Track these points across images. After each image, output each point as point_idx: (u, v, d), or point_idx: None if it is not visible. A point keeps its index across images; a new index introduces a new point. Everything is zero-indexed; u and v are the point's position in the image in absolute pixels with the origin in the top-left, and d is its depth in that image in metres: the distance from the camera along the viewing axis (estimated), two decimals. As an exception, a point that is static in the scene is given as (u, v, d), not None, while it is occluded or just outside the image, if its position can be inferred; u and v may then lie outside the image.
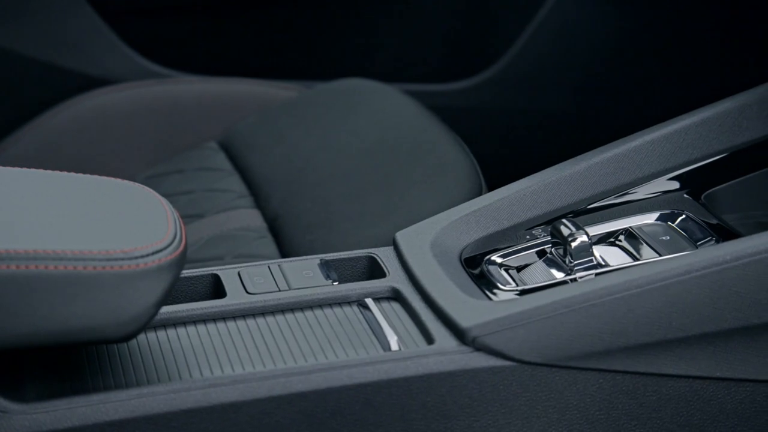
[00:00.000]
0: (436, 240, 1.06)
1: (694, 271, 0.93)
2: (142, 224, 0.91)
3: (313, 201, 1.37)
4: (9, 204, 0.90)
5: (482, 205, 1.10)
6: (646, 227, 1.08)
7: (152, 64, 1.79)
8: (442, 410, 0.93)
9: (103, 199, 0.93)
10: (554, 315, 0.93)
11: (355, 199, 1.35)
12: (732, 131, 1.12)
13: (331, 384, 0.91)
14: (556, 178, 1.11)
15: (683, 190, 1.12)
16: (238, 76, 1.73)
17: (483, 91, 1.79)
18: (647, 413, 0.94)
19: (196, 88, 1.66)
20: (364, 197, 1.35)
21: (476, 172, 1.33)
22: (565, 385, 0.94)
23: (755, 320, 0.93)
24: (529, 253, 1.07)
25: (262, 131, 1.54)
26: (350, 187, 1.37)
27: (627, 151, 1.12)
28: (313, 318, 1.00)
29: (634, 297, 0.93)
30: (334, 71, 1.73)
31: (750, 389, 0.94)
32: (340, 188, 1.37)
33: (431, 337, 0.96)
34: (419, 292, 1.01)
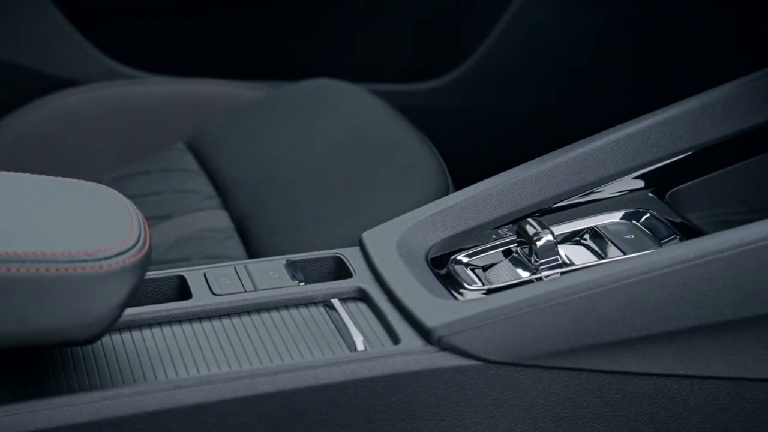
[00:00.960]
0: (402, 240, 1.06)
1: (657, 269, 0.93)
2: (106, 226, 0.90)
3: (280, 201, 1.37)
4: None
5: (448, 205, 1.10)
6: (611, 226, 1.09)
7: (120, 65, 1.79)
8: (407, 410, 0.93)
9: (67, 201, 0.93)
10: (519, 314, 0.93)
11: (322, 200, 1.35)
12: (696, 130, 1.13)
13: (296, 385, 0.91)
14: (522, 178, 1.11)
15: (648, 189, 1.12)
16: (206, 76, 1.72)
17: (451, 91, 1.79)
18: (612, 411, 0.95)
19: (163, 89, 1.65)
20: (331, 197, 1.35)
21: (443, 171, 1.33)
22: (531, 384, 0.94)
23: (718, 318, 0.94)
24: (495, 253, 1.08)
25: (229, 132, 1.54)
26: (318, 187, 1.37)
27: (592, 150, 1.13)
28: (279, 319, 1.00)
29: (598, 296, 0.93)
30: (302, 71, 1.73)
31: (713, 386, 0.95)
32: (307, 188, 1.37)
33: (397, 337, 0.96)
34: (385, 292, 1.01)
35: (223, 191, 1.45)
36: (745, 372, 0.94)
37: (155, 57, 1.79)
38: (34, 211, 0.91)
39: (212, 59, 1.80)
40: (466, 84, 1.79)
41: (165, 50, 1.79)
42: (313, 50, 1.82)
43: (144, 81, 1.71)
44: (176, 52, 1.80)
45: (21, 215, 0.90)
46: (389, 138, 1.41)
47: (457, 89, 1.79)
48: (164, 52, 1.80)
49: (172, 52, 1.80)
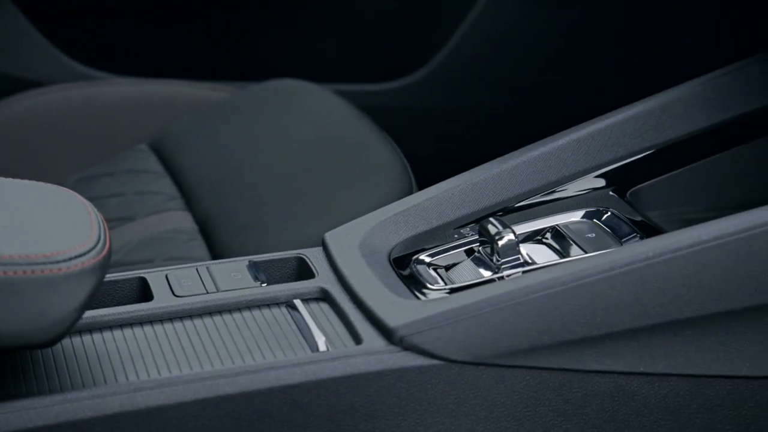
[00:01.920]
0: (365, 240, 1.06)
1: (617, 267, 0.94)
2: (65, 228, 0.90)
3: (244, 202, 1.37)
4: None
5: (411, 205, 1.10)
6: (573, 225, 1.09)
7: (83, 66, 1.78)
8: (369, 410, 0.93)
9: (26, 203, 0.92)
10: (481, 313, 0.94)
11: (286, 200, 1.35)
12: (656, 129, 1.14)
13: (258, 386, 0.91)
14: (484, 177, 1.12)
15: (609, 188, 1.13)
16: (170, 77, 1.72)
17: (415, 91, 1.79)
18: (573, 409, 0.95)
19: (127, 89, 1.65)
20: (295, 198, 1.35)
21: (407, 172, 1.33)
22: (492, 383, 0.94)
23: (678, 315, 0.94)
24: (458, 252, 1.08)
25: (194, 133, 1.53)
26: (282, 188, 1.37)
27: (553, 150, 1.13)
28: (241, 320, 0.99)
29: (559, 294, 0.94)
30: (266, 72, 1.72)
31: (673, 383, 0.95)
32: (271, 189, 1.37)
33: (359, 337, 0.96)
34: (348, 292, 1.01)
35: (186, 192, 1.45)
36: (704, 369, 0.95)
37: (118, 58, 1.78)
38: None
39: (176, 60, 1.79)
40: (429, 84, 1.79)
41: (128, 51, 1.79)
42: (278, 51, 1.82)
43: (107, 82, 1.70)
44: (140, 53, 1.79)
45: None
46: (353, 138, 1.41)
47: (421, 90, 1.79)
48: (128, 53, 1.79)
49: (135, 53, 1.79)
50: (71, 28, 1.76)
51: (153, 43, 1.79)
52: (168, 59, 1.79)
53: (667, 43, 1.69)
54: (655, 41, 1.71)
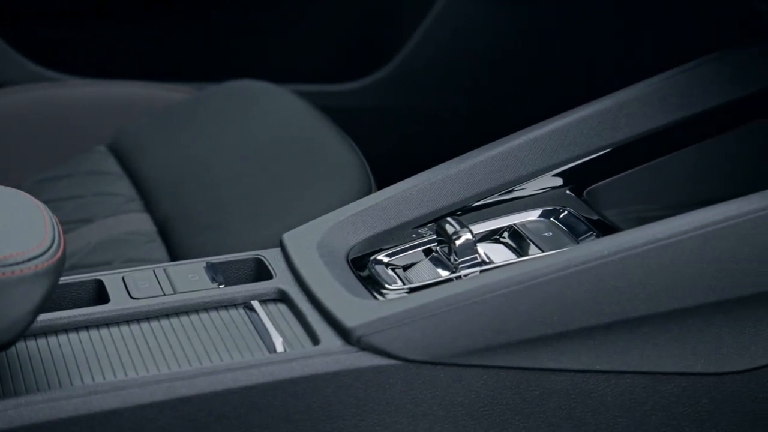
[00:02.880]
0: (323, 240, 1.06)
1: (573, 266, 0.94)
2: (18, 231, 0.89)
3: (203, 203, 1.36)
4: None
5: (369, 205, 1.10)
6: (530, 224, 1.10)
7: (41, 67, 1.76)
8: (327, 411, 0.93)
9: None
10: (438, 313, 0.94)
11: (245, 201, 1.34)
12: (612, 128, 1.14)
13: (215, 387, 0.90)
14: (442, 177, 1.12)
15: (566, 187, 1.13)
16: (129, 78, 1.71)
17: (375, 92, 1.80)
18: (530, 408, 0.96)
19: (86, 91, 1.64)
20: (254, 199, 1.34)
21: (366, 172, 1.33)
22: (450, 382, 0.94)
23: (633, 313, 0.95)
24: (416, 252, 1.08)
25: (153, 134, 1.52)
26: (241, 188, 1.36)
27: (511, 149, 1.13)
28: (199, 321, 0.99)
29: (516, 293, 0.94)
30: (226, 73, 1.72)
31: (629, 381, 0.96)
32: (231, 190, 1.37)
33: (317, 337, 0.96)
34: (305, 293, 1.01)
35: (145, 194, 1.44)
36: (659, 366, 0.96)
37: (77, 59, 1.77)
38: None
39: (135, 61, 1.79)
40: (389, 84, 1.79)
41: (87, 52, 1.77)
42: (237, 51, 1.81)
43: (65, 83, 1.69)
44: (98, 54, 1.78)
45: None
46: (312, 139, 1.41)
47: (381, 90, 1.80)
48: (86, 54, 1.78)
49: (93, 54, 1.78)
50: (29, 30, 1.75)
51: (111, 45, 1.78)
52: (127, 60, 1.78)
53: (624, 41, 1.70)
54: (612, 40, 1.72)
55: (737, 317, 0.95)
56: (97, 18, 1.76)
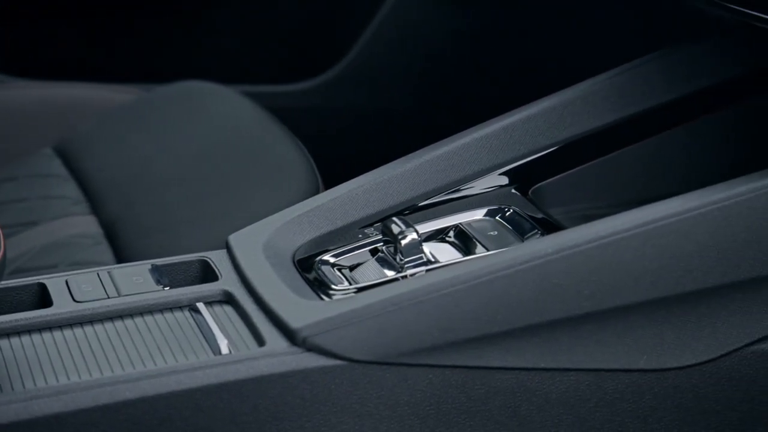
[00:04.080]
0: (269, 241, 1.06)
1: (517, 264, 0.94)
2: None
3: (150, 205, 1.35)
4: None
5: (315, 206, 1.10)
6: (475, 223, 1.10)
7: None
8: (273, 412, 0.93)
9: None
10: (383, 313, 0.94)
11: (192, 203, 1.34)
12: (557, 127, 1.15)
13: (159, 390, 0.90)
14: (388, 177, 1.12)
15: (511, 186, 1.14)
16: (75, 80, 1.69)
17: (323, 92, 1.79)
18: (476, 406, 0.96)
19: (31, 93, 1.62)
20: (201, 200, 1.34)
21: (314, 172, 1.33)
22: (396, 382, 0.95)
23: (577, 311, 0.95)
24: (362, 252, 1.08)
25: (99, 136, 1.51)
26: (188, 190, 1.36)
27: (456, 148, 1.14)
28: (143, 324, 0.98)
29: (461, 292, 0.94)
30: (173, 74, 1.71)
31: (573, 378, 0.96)
32: (177, 192, 1.36)
33: (262, 339, 0.95)
34: (251, 294, 1.00)
35: (92, 196, 1.43)
36: (603, 363, 0.96)
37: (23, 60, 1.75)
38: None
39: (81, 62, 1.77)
40: (338, 85, 1.79)
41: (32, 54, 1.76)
42: (185, 52, 1.80)
43: (11, 85, 1.67)
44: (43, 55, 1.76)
45: None
46: (259, 140, 1.41)
47: (329, 90, 1.79)
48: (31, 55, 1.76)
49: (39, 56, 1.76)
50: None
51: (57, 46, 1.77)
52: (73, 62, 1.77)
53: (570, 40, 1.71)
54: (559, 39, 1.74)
55: (679, 314, 0.96)
56: (42, 18, 1.75)
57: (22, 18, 1.75)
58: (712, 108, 1.17)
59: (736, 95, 1.17)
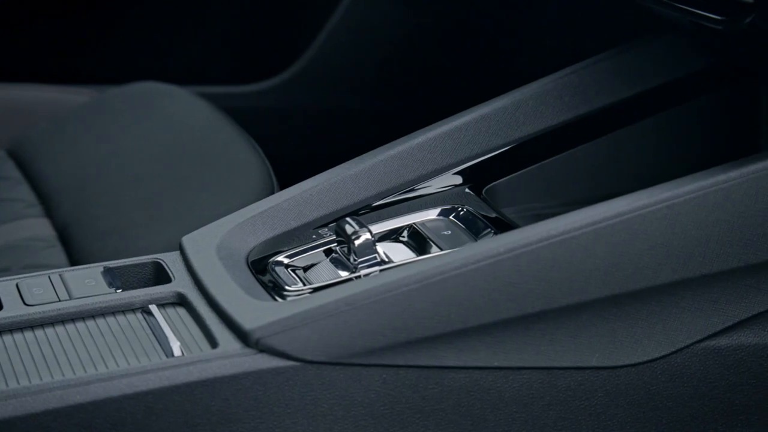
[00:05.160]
0: (222, 243, 1.06)
1: (470, 264, 0.95)
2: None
3: (104, 208, 1.35)
4: None
5: (269, 206, 1.10)
6: (429, 223, 1.10)
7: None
8: (226, 414, 0.92)
9: None
10: (337, 313, 0.94)
11: (146, 205, 1.33)
12: (510, 126, 1.16)
13: (110, 394, 0.89)
14: (342, 177, 1.12)
15: (465, 185, 1.14)
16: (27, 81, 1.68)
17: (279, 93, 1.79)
18: (430, 405, 0.96)
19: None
20: (156, 202, 1.33)
21: (268, 173, 1.33)
22: (350, 382, 0.94)
23: (529, 309, 0.96)
24: (316, 253, 1.08)
25: (53, 138, 1.50)
26: (142, 192, 1.35)
27: (410, 149, 1.14)
28: (95, 327, 0.98)
29: (414, 292, 0.94)
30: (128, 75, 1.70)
31: (527, 376, 0.97)
32: (131, 194, 1.35)
33: (215, 341, 0.95)
34: (204, 296, 1.00)
35: (45, 199, 1.42)
36: (556, 361, 0.97)
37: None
38: None
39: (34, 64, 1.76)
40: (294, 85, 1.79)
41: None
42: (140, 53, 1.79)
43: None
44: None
45: None
46: (214, 141, 1.40)
47: (285, 91, 1.79)
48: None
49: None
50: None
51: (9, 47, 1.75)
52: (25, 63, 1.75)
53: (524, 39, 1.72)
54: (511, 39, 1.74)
55: (630, 311, 0.97)
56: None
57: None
58: (662, 107, 1.18)
59: (685, 94, 1.18)
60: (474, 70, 1.78)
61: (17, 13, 1.74)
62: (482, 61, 1.77)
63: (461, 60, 1.79)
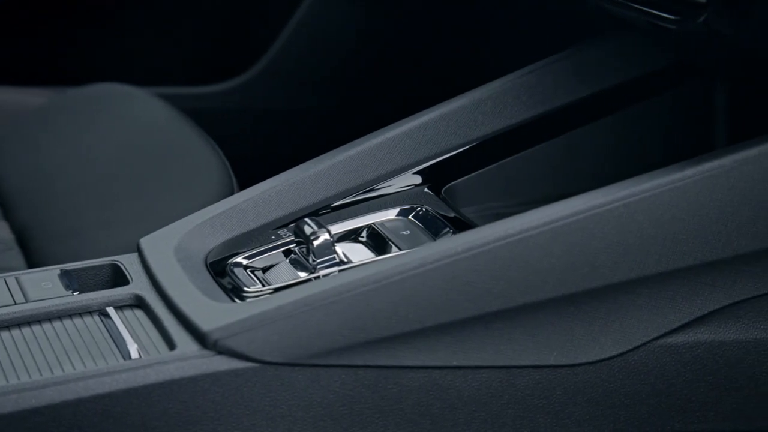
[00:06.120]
0: (181, 244, 1.05)
1: (428, 264, 0.95)
2: None
3: (62, 210, 1.34)
4: None
5: (228, 207, 1.10)
6: (388, 223, 1.10)
7: None
8: (184, 416, 0.92)
9: None
10: (295, 314, 0.93)
11: (105, 206, 1.32)
12: (468, 126, 1.16)
13: (65, 397, 0.88)
14: (301, 178, 1.12)
15: (424, 185, 1.14)
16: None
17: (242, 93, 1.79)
18: (389, 405, 0.96)
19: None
20: (115, 204, 1.32)
21: (228, 174, 1.32)
22: (309, 383, 0.94)
23: (487, 309, 0.96)
24: (276, 254, 1.08)
25: (10, 140, 1.49)
26: (101, 194, 1.34)
27: (369, 149, 1.14)
28: (51, 330, 0.97)
29: (372, 292, 0.94)
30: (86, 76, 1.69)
31: (485, 375, 0.97)
32: (90, 196, 1.34)
33: (173, 343, 0.95)
34: (162, 298, 1.00)
35: (3, 201, 1.41)
36: (514, 360, 0.97)
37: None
38: None
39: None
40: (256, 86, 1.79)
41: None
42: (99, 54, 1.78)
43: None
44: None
45: None
46: (173, 142, 1.40)
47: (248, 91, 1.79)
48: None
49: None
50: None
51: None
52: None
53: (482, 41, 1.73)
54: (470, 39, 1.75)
55: (587, 309, 0.97)
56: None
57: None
58: (619, 106, 1.19)
59: (641, 93, 1.19)
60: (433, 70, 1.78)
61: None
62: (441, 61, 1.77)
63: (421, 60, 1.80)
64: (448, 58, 1.76)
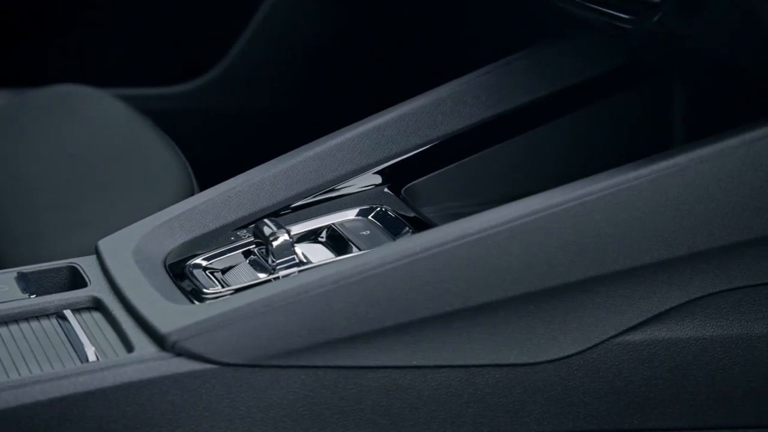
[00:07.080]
0: (139, 246, 1.05)
1: (386, 263, 0.95)
2: None
3: (20, 212, 1.33)
4: None
5: (187, 209, 1.09)
6: (348, 223, 1.11)
7: None
8: (143, 419, 0.91)
9: None
10: (254, 315, 0.93)
11: (63, 209, 1.31)
12: (428, 126, 1.16)
13: (21, 401, 0.88)
14: (260, 178, 1.12)
15: (384, 185, 1.15)
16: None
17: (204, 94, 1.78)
18: (349, 406, 0.96)
19: None
20: (74, 206, 1.32)
21: (188, 175, 1.32)
22: (268, 385, 0.94)
23: (446, 308, 0.96)
24: (235, 255, 1.07)
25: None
26: (60, 196, 1.34)
27: (329, 149, 1.14)
28: (7, 334, 0.96)
29: (331, 292, 0.94)
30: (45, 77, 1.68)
31: (445, 375, 0.97)
32: (48, 198, 1.34)
33: (131, 345, 0.94)
34: (120, 300, 0.99)
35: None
36: (473, 359, 0.97)
37: None
38: None
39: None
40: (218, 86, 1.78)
41: None
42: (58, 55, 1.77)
43: None
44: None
45: None
46: (133, 143, 1.39)
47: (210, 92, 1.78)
48: None
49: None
50: None
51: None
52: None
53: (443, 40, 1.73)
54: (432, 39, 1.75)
55: (546, 308, 0.98)
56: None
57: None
58: (578, 105, 1.19)
59: (600, 93, 1.20)
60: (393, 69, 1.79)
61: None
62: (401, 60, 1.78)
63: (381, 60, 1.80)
64: (408, 58, 1.76)
